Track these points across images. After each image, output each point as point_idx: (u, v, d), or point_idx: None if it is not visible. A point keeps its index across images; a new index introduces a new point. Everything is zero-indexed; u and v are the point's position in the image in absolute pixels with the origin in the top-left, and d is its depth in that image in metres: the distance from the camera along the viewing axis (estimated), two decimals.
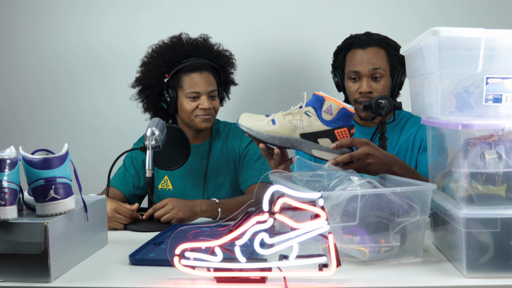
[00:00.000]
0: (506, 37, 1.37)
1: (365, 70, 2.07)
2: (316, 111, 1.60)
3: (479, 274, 1.28)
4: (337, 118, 1.59)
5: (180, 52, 2.22)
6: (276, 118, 1.64)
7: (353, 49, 2.12)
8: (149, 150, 1.93)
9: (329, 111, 1.58)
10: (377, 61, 2.08)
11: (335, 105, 1.58)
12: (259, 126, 1.65)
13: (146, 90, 2.24)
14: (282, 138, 1.63)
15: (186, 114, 2.19)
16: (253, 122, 1.65)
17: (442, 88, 1.39)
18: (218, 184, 2.25)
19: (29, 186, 1.39)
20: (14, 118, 2.79)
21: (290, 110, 1.64)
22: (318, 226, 1.25)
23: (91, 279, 1.37)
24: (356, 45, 2.11)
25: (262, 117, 1.67)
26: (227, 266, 1.27)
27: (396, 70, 2.11)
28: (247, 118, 1.67)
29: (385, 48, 2.10)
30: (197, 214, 1.98)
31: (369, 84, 2.07)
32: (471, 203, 1.30)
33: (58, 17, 2.74)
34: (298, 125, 1.61)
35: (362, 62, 2.08)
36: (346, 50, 2.15)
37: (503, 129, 1.30)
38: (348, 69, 2.12)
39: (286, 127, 1.62)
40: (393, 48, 2.11)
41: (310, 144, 1.62)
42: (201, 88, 2.17)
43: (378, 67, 2.07)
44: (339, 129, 1.60)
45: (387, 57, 2.10)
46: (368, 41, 2.10)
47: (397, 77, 2.11)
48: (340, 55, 2.18)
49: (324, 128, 1.60)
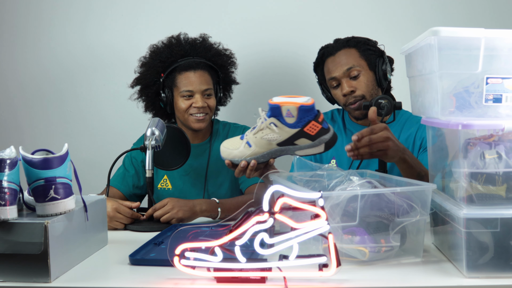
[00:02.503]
0: (506, 37, 1.37)
1: (340, 73, 2.10)
2: (279, 119, 1.61)
3: (479, 274, 1.28)
4: (300, 117, 1.59)
5: (177, 52, 2.22)
6: (249, 139, 1.66)
7: (326, 59, 2.16)
8: (149, 150, 1.93)
9: (289, 115, 1.59)
10: (348, 60, 2.10)
11: (292, 107, 1.58)
12: (238, 154, 1.67)
13: (144, 90, 2.26)
14: (263, 155, 1.66)
15: (180, 113, 2.20)
16: (233, 152, 1.68)
17: (442, 88, 1.39)
18: (218, 183, 2.25)
19: (29, 186, 1.39)
20: (14, 118, 2.79)
21: (258, 127, 1.64)
22: (318, 226, 1.25)
23: (91, 279, 1.37)
24: (327, 54, 2.15)
25: (237, 141, 1.69)
26: (227, 266, 1.27)
27: (374, 62, 2.12)
28: (225, 150, 1.70)
29: (355, 46, 2.13)
30: (196, 214, 1.98)
31: (349, 83, 2.10)
32: (471, 203, 1.30)
33: (58, 18, 2.74)
34: (271, 138, 1.62)
35: (336, 67, 2.11)
36: (321, 63, 2.19)
37: (503, 129, 1.30)
38: (327, 79, 2.15)
39: (261, 145, 1.64)
40: (364, 43, 2.13)
41: (290, 148, 1.64)
42: (195, 86, 2.17)
43: (351, 66, 2.09)
44: (307, 125, 1.60)
45: (359, 54, 2.12)
46: (336, 46, 2.14)
47: (378, 68, 2.12)
48: (318, 70, 2.22)
49: (294, 131, 1.61)
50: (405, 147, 1.76)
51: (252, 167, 1.66)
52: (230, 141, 1.71)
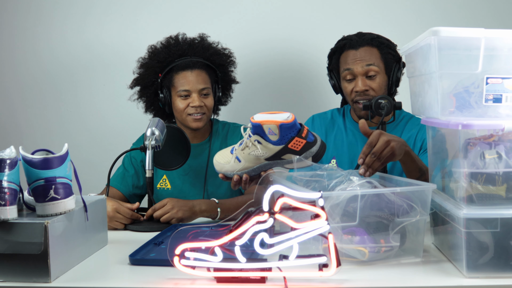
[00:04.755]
0: (506, 37, 1.37)
1: (358, 68, 2.08)
2: (262, 137, 1.61)
3: (479, 274, 1.28)
4: (282, 134, 1.60)
5: (175, 52, 2.22)
6: (238, 154, 1.67)
7: (346, 51, 2.13)
8: (149, 150, 1.93)
9: (272, 133, 1.59)
10: (370, 58, 2.09)
11: (273, 126, 1.59)
12: (230, 168, 1.69)
13: (143, 90, 2.26)
14: (254, 169, 1.67)
15: (178, 113, 2.20)
16: (225, 167, 1.70)
17: (442, 88, 1.39)
18: (217, 183, 2.25)
19: (29, 186, 1.39)
20: (14, 118, 2.79)
21: (244, 143, 1.66)
22: (318, 226, 1.25)
23: (91, 279, 1.37)
24: (349, 46, 2.13)
25: (228, 155, 1.70)
26: (227, 266, 1.27)
27: (391, 67, 2.12)
28: (217, 164, 1.72)
29: (378, 46, 2.11)
30: (196, 214, 1.98)
31: (364, 82, 2.08)
32: (471, 203, 1.30)
33: (58, 18, 2.74)
34: (258, 154, 1.64)
35: (356, 61, 2.09)
36: (339, 52, 2.17)
37: (503, 129, 1.30)
38: (342, 69, 2.13)
39: (250, 160, 1.66)
40: (386, 46, 2.12)
41: (279, 162, 1.65)
42: (192, 86, 2.17)
43: (372, 63, 2.08)
44: (290, 141, 1.61)
45: (380, 55, 2.11)
46: (360, 41, 2.12)
47: (393, 74, 2.12)
48: (334, 58, 2.19)
49: (278, 148, 1.62)
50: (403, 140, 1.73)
51: (245, 180, 1.68)
52: (222, 154, 1.72)
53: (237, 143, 1.70)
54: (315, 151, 1.63)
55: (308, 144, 1.62)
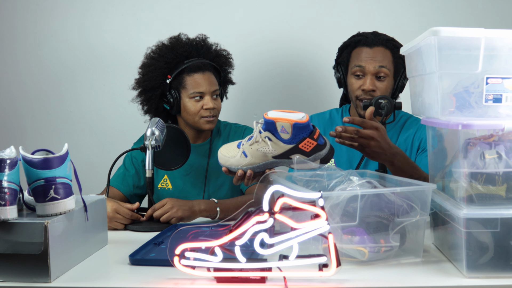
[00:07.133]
0: (506, 37, 1.37)
1: (370, 67, 2.08)
2: (273, 134, 1.61)
3: (479, 274, 1.28)
4: (295, 134, 1.59)
5: (181, 53, 2.21)
6: (245, 149, 1.66)
7: (360, 47, 2.13)
8: (149, 150, 1.93)
9: (284, 131, 1.58)
10: (383, 60, 2.09)
11: (287, 124, 1.58)
12: (235, 162, 1.67)
13: (147, 92, 2.23)
14: (259, 165, 1.66)
15: (190, 115, 2.19)
16: (229, 160, 1.68)
17: (442, 88, 1.39)
18: (218, 184, 2.25)
19: (29, 186, 1.39)
20: (14, 118, 2.79)
21: (253, 138, 1.64)
22: (318, 226, 1.26)
23: (91, 279, 1.37)
24: (364, 43, 2.12)
25: (234, 149, 1.69)
26: (227, 266, 1.27)
27: (399, 72, 2.11)
28: (222, 157, 1.70)
29: (391, 49, 2.11)
30: (196, 214, 1.98)
31: (372, 82, 2.08)
32: (471, 203, 1.30)
33: (58, 17, 2.74)
34: (266, 151, 1.62)
35: (369, 59, 2.09)
36: (352, 47, 2.15)
37: (503, 129, 1.30)
38: (353, 64, 2.12)
39: (257, 156, 1.65)
40: (399, 51, 2.11)
41: (285, 161, 1.64)
42: (205, 88, 2.17)
43: (384, 65, 2.08)
44: (302, 142, 1.60)
45: (392, 59, 2.10)
46: (375, 41, 2.11)
47: (399, 80, 2.12)
48: (345, 51, 2.18)
49: (288, 147, 1.61)
50: (398, 153, 1.73)
51: (249, 176, 1.67)
52: (227, 148, 1.71)
53: (245, 138, 1.69)
54: (324, 154, 1.62)
55: (318, 146, 1.61)
